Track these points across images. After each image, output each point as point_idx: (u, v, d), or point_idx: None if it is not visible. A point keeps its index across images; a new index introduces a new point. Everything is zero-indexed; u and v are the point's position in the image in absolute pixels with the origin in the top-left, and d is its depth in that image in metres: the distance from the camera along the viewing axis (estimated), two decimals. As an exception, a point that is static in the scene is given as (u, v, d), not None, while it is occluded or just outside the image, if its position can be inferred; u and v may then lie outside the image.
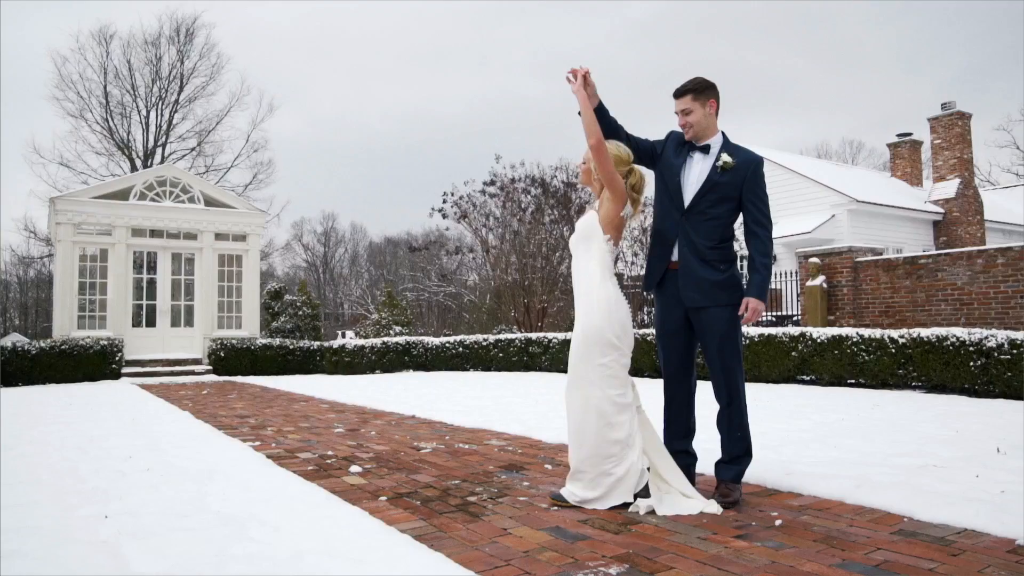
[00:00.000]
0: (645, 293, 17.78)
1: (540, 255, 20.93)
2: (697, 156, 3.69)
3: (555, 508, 3.46)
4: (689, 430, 3.78)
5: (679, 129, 3.75)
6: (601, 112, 3.65)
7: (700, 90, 3.65)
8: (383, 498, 3.73)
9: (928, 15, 65.00)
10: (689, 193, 3.64)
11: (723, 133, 3.71)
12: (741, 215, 3.66)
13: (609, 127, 3.67)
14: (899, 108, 63.05)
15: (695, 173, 3.66)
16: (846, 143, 59.05)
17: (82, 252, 15.70)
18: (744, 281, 3.61)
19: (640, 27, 72.31)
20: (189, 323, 16.65)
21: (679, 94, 3.69)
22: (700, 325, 3.63)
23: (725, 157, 3.59)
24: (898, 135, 24.13)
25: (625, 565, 2.64)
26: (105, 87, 30.90)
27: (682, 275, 3.62)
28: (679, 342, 3.71)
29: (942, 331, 8.72)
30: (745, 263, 3.69)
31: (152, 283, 16.44)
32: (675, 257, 3.66)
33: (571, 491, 3.50)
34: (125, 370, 14.70)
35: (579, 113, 3.64)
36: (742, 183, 3.58)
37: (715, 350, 3.58)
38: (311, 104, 70.53)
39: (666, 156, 3.76)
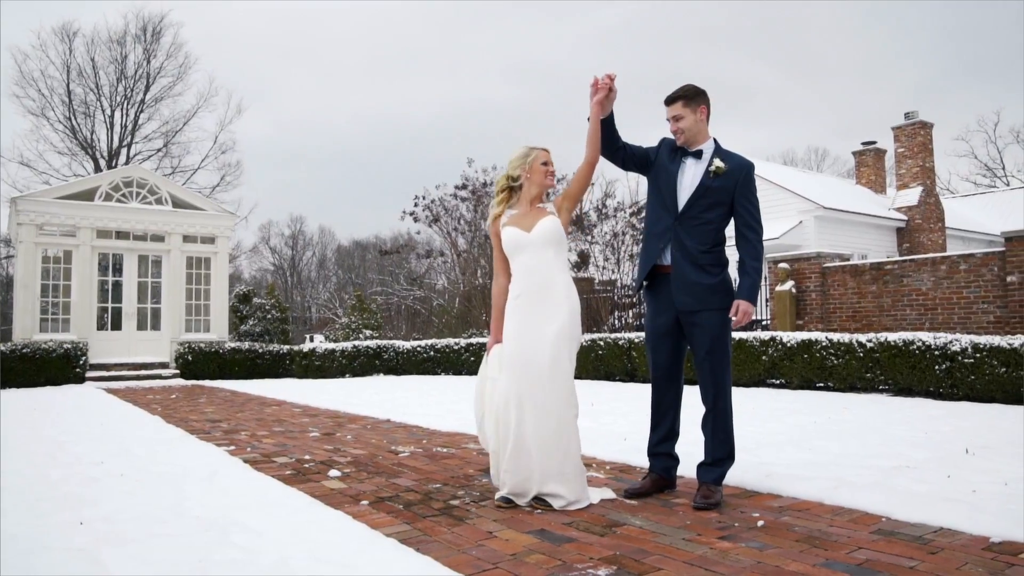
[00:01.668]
0: (632, 295, 17.90)
1: (511, 259, 20.94)
2: (690, 161, 3.74)
3: (539, 511, 3.46)
4: (673, 433, 3.82)
5: (670, 136, 3.81)
6: (609, 121, 3.72)
7: (691, 97, 3.71)
8: (365, 502, 3.70)
9: (888, 28, 66.37)
10: (683, 198, 3.68)
11: (715, 139, 3.77)
12: (733, 220, 3.72)
13: (612, 136, 3.75)
14: (862, 117, 64.32)
15: (688, 178, 3.71)
16: (811, 150, 59.95)
17: (45, 253, 15.39)
18: (735, 285, 3.66)
19: (608, 34, 72.78)
20: (156, 326, 16.38)
21: (670, 101, 3.75)
22: (691, 328, 3.67)
23: (717, 162, 3.64)
24: (863, 143, 24.58)
25: (613, 567, 2.66)
26: (68, 85, 30.33)
27: (675, 279, 3.66)
28: (668, 345, 3.75)
29: (908, 335, 8.90)
30: (736, 267, 3.74)
31: (118, 285, 16.14)
32: (667, 261, 3.70)
33: (555, 495, 3.49)
34: (90, 374, 14.42)
35: (589, 119, 3.72)
36: (734, 188, 3.64)
37: (704, 353, 3.62)
38: (280, 106, 69.82)
39: (660, 161, 3.81)
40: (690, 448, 4.31)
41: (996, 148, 49.12)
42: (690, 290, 3.62)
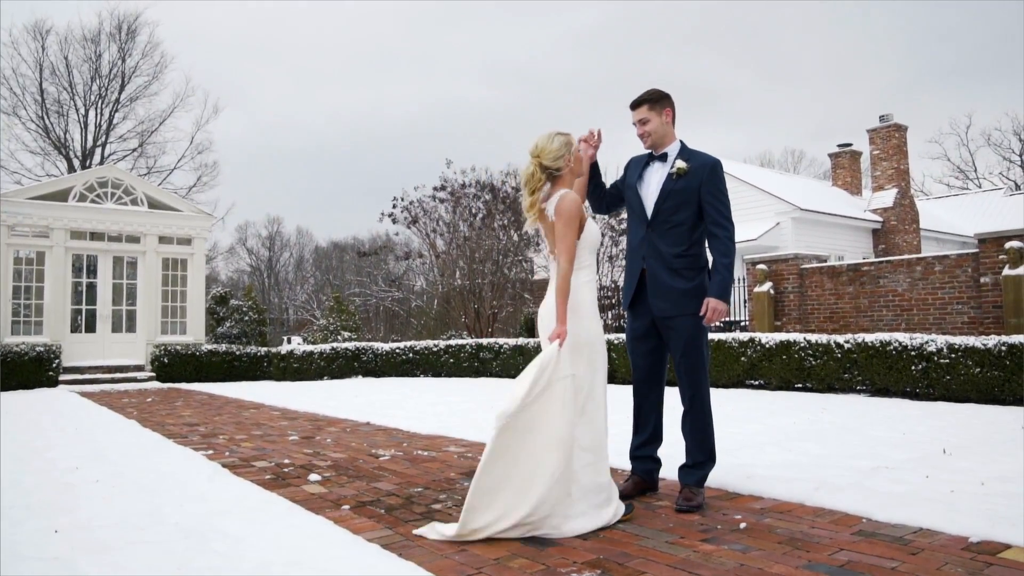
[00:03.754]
0: (612, 297, 17.96)
1: (490, 260, 20.93)
2: (656, 165, 3.78)
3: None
4: (656, 436, 3.82)
5: (634, 153, 3.88)
6: (594, 169, 3.88)
7: (656, 100, 3.73)
8: (346, 507, 3.67)
9: (861, 31, 67.12)
10: (649, 203, 3.70)
11: (681, 141, 3.79)
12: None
13: (595, 182, 3.90)
14: (837, 120, 64.95)
15: (654, 182, 3.74)
16: (788, 152, 60.57)
17: (16, 255, 15.13)
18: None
19: (583, 36, 72.97)
20: (131, 329, 16.16)
21: (635, 105, 3.77)
22: (667, 332, 3.67)
23: (679, 163, 3.66)
24: (839, 145, 24.84)
25: (597, 571, 2.65)
26: (41, 84, 29.80)
27: (650, 285, 3.67)
28: (647, 348, 3.75)
29: (886, 336, 8.99)
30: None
31: (92, 287, 15.91)
32: (645, 266, 3.71)
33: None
34: (63, 377, 14.20)
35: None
36: (699, 186, 3.65)
37: (680, 355, 3.64)
38: (257, 106, 69.18)
39: (628, 178, 3.90)
40: (672, 451, 4.32)
41: (968, 151, 49.70)
42: (666, 296, 3.63)
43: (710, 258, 3.72)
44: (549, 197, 3.46)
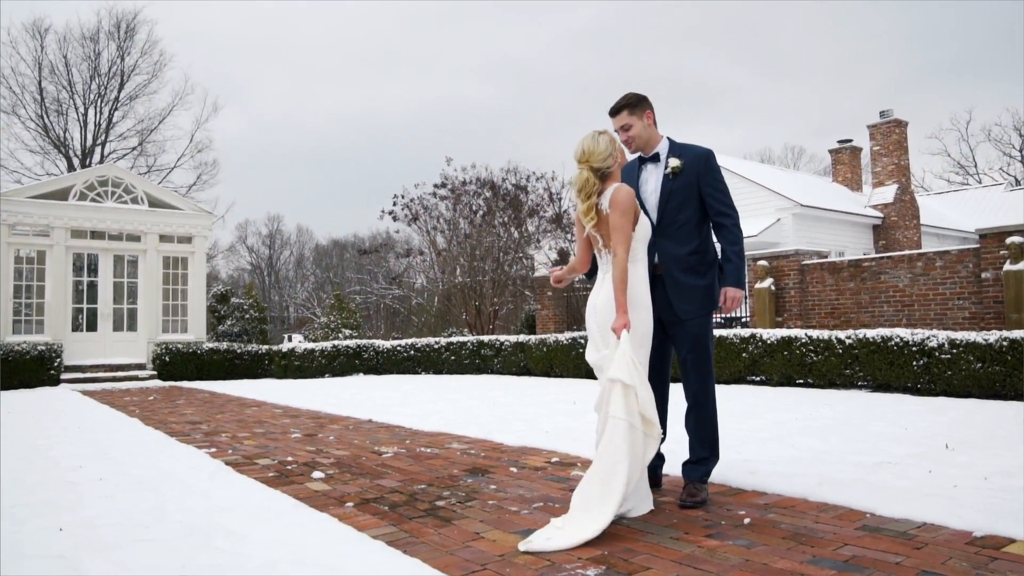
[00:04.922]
0: None
1: (490, 257, 20.94)
2: (650, 167, 3.76)
3: (525, 511, 3.44)
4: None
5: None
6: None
7: (634, 104, 3.71)
8: (350, 504, 3.67)
9: (860, 28, 67.01)
10: (653, 207, 3.69)
11: (668, 138, 3.78)
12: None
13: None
14: (837, 116, 64.91)
15: (652, 185, 3.72)
16: (788, 149, 60.45)
17: (17, 254, 15.13)
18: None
19: (582, 34, 72.91)
20: (132, 327, 16.17)
21: (615, 112, 3.74)
22: (673, 328, 3.67)
23: (673, 162, 3.65)
24: (839, 141, 24.81)
25: (602, 567, 2.65)
26: (40, 83, 29.77)
27: (671, 288, 3.63)
28: (652, 344, 3.74)
29: (887, 332, 8.99)
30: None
31: (93, 286, 15.92)
32: (656, 261, 3.69)
33: None
34: (65, 376, 14.22)
35: None
36: (697, 180, 3.65)
37: (687, 351, 3.63)
38: (256, 105, 69.23)
39: None
40: (675, 447, 4.32)
41: (968, 146, 49.89)
42: (688, 297, 3.61)
43: (718, 247, 3.71)
44: (602, 193, 3.47)
